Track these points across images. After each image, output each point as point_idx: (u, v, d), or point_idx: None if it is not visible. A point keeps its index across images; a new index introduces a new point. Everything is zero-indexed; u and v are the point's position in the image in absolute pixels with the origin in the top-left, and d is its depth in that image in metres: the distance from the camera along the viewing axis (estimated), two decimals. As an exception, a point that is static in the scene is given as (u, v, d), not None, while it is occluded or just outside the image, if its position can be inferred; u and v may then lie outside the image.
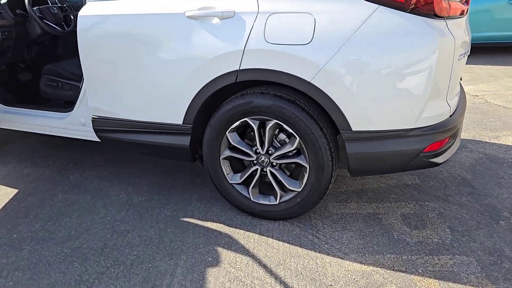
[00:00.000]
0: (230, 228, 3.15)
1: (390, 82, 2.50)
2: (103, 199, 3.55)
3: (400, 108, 2.55)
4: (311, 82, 2.66)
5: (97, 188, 3.73)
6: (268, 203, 3.17)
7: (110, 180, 3.85)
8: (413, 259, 2.72)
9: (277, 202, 3.13)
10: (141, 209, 3.40)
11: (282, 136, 3.08)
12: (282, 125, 2.90)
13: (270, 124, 2.95)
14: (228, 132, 3.08)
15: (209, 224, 3.20)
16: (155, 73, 3.01)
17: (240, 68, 2.76)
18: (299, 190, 3.04)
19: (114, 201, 3.52)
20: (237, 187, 3.23)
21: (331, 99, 2.63)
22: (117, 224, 3.18)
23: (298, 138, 2.90)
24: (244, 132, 3.22)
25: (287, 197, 3.12)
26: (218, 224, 3.17)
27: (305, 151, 2.91)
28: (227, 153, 3.16)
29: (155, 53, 2.93)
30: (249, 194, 3.20)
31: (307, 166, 2.95)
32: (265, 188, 3.29)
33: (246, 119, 2.99)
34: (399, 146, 2.67)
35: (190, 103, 3.03)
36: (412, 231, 2.95)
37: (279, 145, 3.09)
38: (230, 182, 3.21)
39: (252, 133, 3.14)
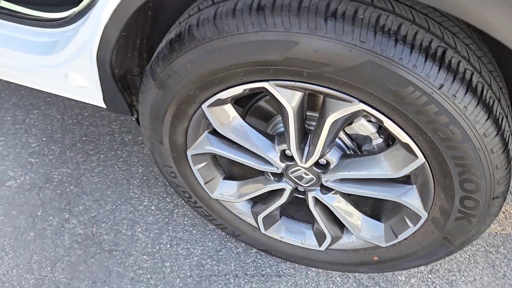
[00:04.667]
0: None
1: None
2: None
3: None
4: None
5: None
6: (300, 244, 1.39)
7: None
8: None
9: (324, 249, 1.36)
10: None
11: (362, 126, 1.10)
12: (373, 116, 0.93)
13: (339, 110, 0.94)
14: (209, 106, 1.07)
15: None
16: None
17: None
18: (384, 246, 1.24)
19: None
20: (231, 205, 1.38)
21: None
22: None
23: (422, 159, 0.96)
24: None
25: (345, 242, 1.33)
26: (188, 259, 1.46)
27: (432, 186, 1.02)
28: (204, 144, 1.20)
29: None
30: (257, 223, 1.38)
31: (423, 215, 1.09)
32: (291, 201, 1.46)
33: (265, 84, 0.96)
34: None
35: None
36: None
37: (349, 147, 1.14)
38: (213, 196, 1.34)
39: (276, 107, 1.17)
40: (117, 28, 1.00)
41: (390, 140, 1.09)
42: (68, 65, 1.22)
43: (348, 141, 1.13)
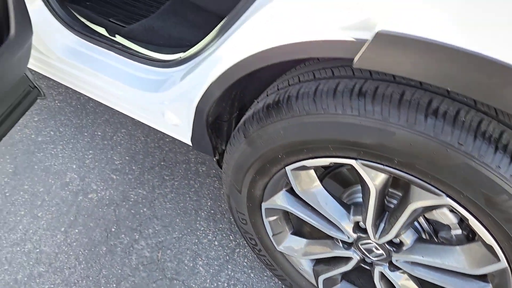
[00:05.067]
0: None
1: None
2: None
3: None
4: None
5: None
6: (356, 312, 1.38)
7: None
8: None
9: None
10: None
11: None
12: (458, 212, 0.92)
13: (424, 200, 0.95)
14: (293, 170, 1.11)
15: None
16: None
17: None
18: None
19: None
20: (294, 260, 1.40)
21: None
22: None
23: (504, 263, 0.94)
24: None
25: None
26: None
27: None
28: (280, 201, 1.24)
29: None
30: (317, 283, 1.39)
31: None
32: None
33: (352, 161, 0.98)
34: None
35: None
36: None
37: (425, 231, 1.13)
38: (279, 249, 1.37)
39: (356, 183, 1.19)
40: (222, 87, 1.08)
41: (470, 233, 1.07)
42: (168, 106, 1.33)
43: (425, 225, 1.12)
